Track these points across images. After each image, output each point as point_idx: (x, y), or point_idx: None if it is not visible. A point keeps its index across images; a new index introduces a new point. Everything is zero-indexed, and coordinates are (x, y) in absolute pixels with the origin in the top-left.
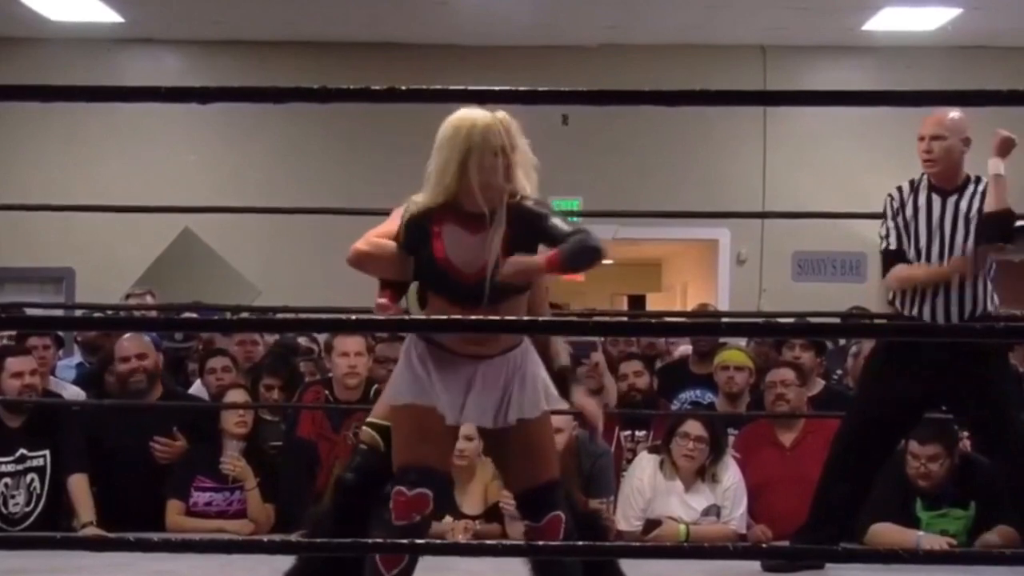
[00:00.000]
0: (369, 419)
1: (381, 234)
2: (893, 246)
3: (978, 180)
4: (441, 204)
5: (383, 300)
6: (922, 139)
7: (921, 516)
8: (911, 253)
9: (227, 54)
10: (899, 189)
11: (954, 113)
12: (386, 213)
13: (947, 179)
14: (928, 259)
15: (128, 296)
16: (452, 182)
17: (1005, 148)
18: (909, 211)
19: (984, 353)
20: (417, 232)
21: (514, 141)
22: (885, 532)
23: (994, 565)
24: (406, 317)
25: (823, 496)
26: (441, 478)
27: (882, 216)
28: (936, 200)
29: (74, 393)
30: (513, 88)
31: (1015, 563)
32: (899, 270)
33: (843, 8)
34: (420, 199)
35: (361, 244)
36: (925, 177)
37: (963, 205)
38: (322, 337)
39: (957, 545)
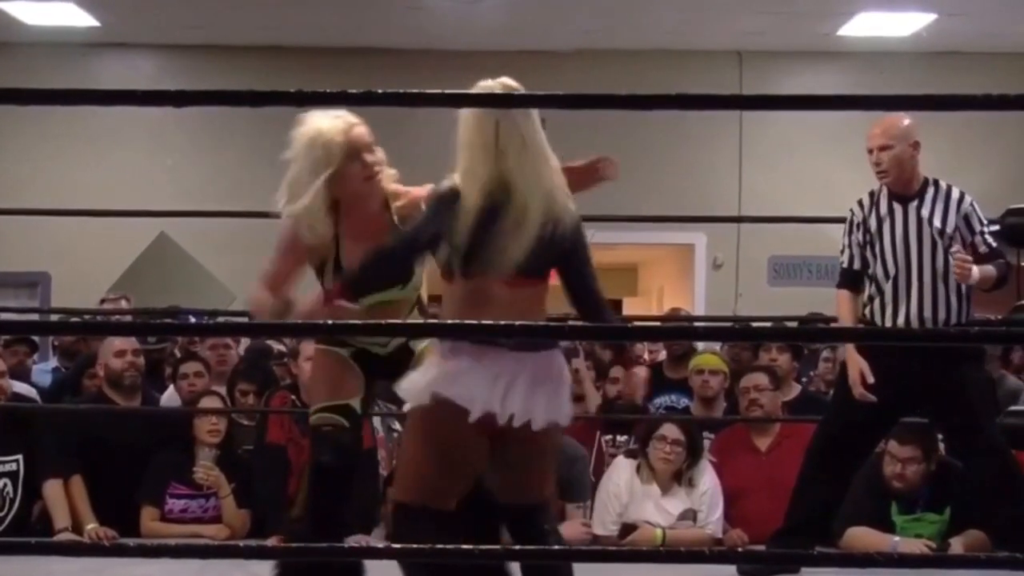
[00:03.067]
0: (319, 406)
1: (273, 276)
2: (845, 264)
3: (936, 184)
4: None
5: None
6: (871, 151)
7: (896, 520)
8: (878, 269)
9: (203, 58)
10: (860, 203)
11: (898, 120)
12: None
13: (904, 185)
14: (895, 271)
15: (103, 301)
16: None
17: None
18: (873, 223)
19: (958, 358)
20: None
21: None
22: (861, 536)
23: (969, 568)
24: (381, 322)
25: (799, 500)
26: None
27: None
28: (898, 209)
29: (28, 392)
30: (490, 92)
31: (990, 567)
32: (841, 307)
33: (818, 14)
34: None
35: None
36: (884, 187)
37: (924, 212)
38: (291, 341)
39: (934, 549)
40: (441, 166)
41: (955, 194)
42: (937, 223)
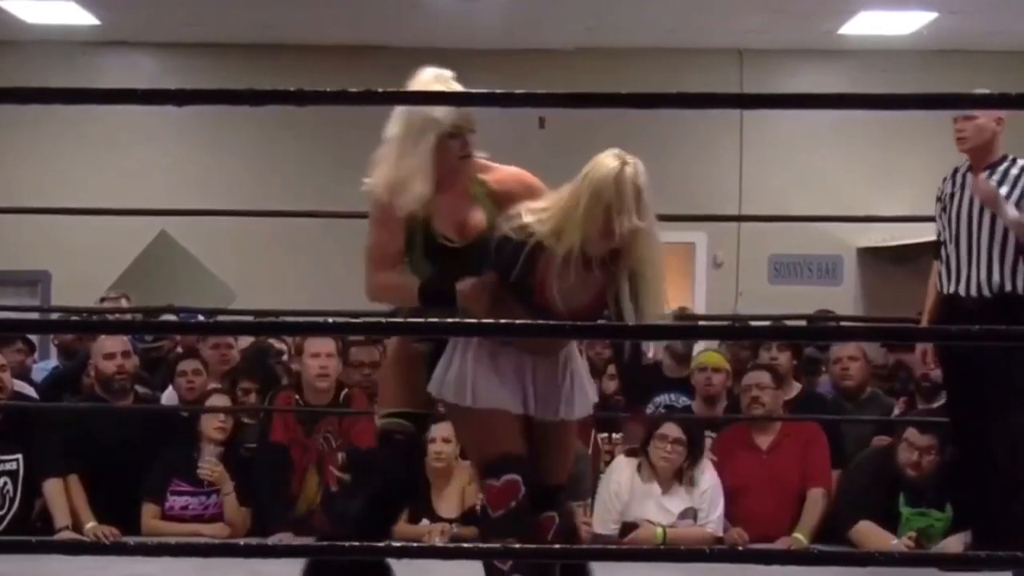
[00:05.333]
0: (391, 411)
1: (381, 251)
2: (936, 237)
3: (1015, 161)
4: (563, 240)
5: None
6: (955, 119)
7: (903, 511)
8: (945, 236)
9: (204, 57)
10: (944, 178)
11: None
12: (358, 216)
13: (980, 158)
14: (956, 237)
15: (103, 299)
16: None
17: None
18: (947, 192)
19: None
20: (521, 257)
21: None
22: (867, 532)
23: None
24: (383, 320)
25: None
26: (522, 460)
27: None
28: (969, 178)
29: (34, 395)
30: (490, 91)
31: (991, 566)
32: (931, 279)
33: (819, 12)
34: (539, 226)
35: (376, 281)
36: (966, 161)
37: (992, 181)
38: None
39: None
40: None
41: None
42: (1004, 191)
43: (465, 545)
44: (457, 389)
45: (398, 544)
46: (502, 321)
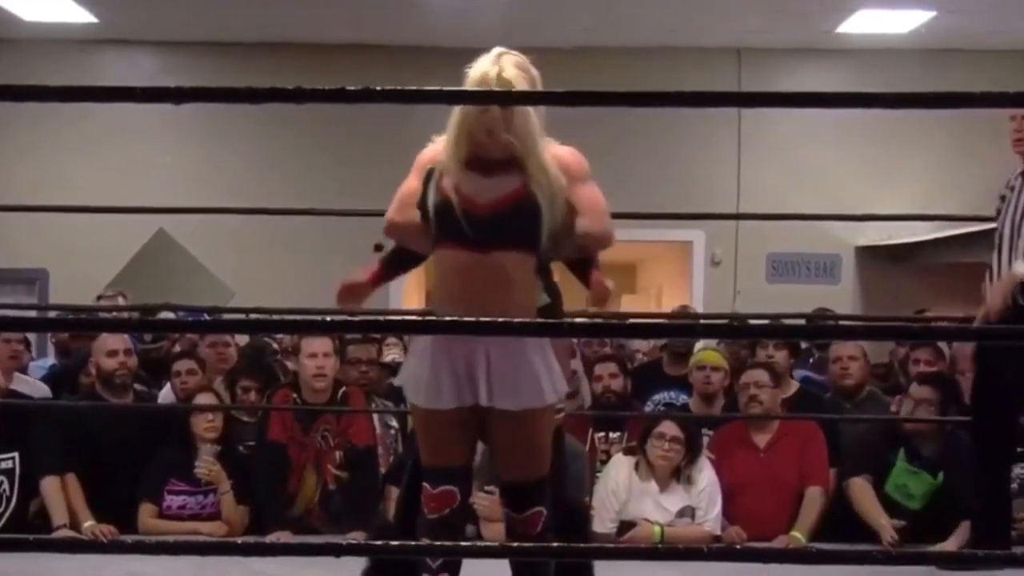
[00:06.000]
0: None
1: (406, 194)
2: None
3: None
4: (453, 155)
5: (353, 278)
6: (1013, 118)
7: (898, 463)
8: (995, 238)
9: (202, 55)
10: (1013, 174)
11: None
12: (356, 214)
13: None
14: (1001, 242)
15: (100, 297)
16: (456, 134)
17: None
18: (1004, 194)
19: None
20: (430, 177)
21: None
22: (861, 493)
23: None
24: (381, 318)
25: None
26: (460, 472)
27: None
28: (1019, 182)
29: (41, 390)
30: (488, 89)
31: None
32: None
33: (817, 11)
34: (439, 149)
35: (391, 213)
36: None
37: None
38: (287, 338)
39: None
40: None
41: None
42: None
43: (463, 544)
44: (409, 385)
45: (395, 543)
46: (489, 320)
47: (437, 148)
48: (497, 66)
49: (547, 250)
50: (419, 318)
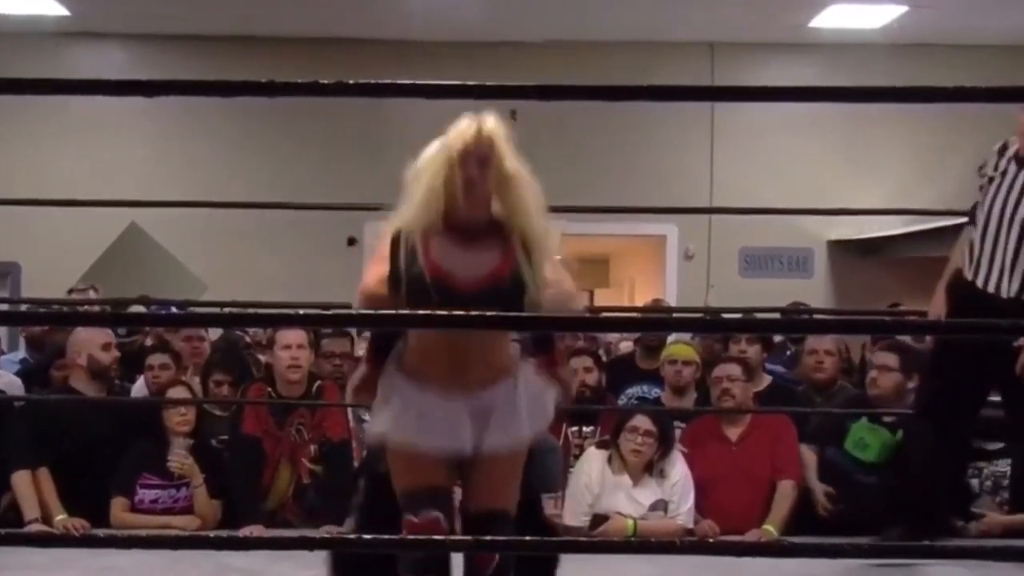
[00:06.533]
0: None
1: (375, 278)
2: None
3: None
4: (429, 222)
5: (362, 375)
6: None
7: (854, 425)
8: (978, 222)
9: (175, 49)
10: (994, 149)
11: None
12: (329, 208)
13: None
14: (985, 231)
15: (71, 291)
16: (436, 197)
17: None
18: (987, 174)
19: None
20: (406, 251)
21: (500, 153)
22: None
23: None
24: (353, 311)
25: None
26: (445, 495)
27: None
28: (1011, 170)
29: (13, 384)
30: (462, 83)
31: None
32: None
33: (790, 5)
34: (406, 220)
35: (360, 296)
36: (1014, 143)
37: None
38: (261, 331)
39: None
40: (416, 156)
41: None
42: None
43: (437, 538)
44: (382, 421)
45: (368, 536)
46: (477, 313)
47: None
48: (476, 121)
49: None
50: (392, 312)
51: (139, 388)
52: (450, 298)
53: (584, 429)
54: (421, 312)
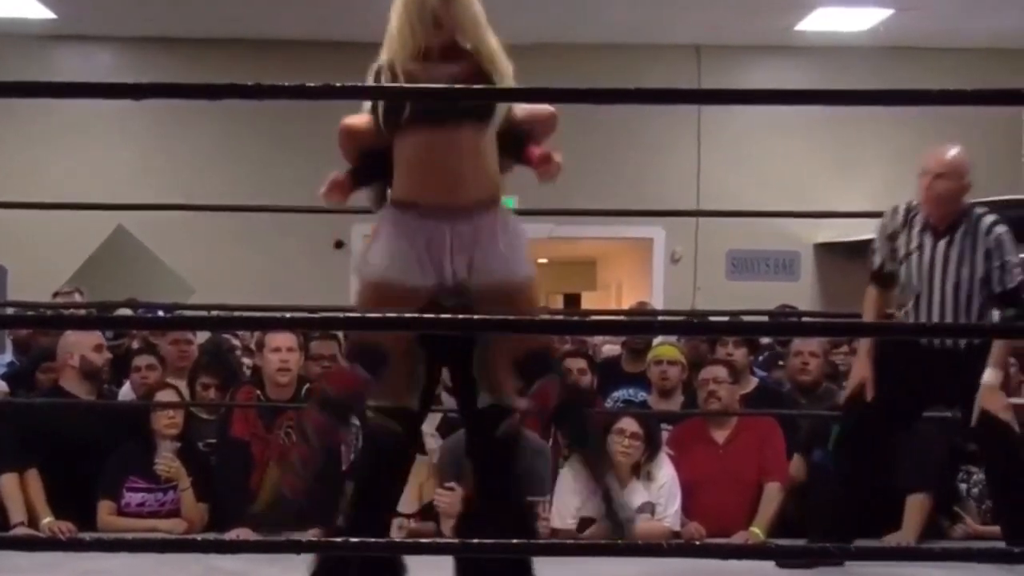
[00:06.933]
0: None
1: (355, 117)
2: (876, 265)
3: (970, 215)
4: (399, 49)
5: (337, 175)
6: (925, 174)
7: None
8: (907, 285)
9: (162, 51)
10: (895, 212)
11: (960, 152)
12: (316, 211)
13: (941, 218)
14: (918, 295)
15: (56, 295)
16: (408, 31)
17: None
18: (902, 244)
19: (971, 359)
20: (378, 77)
21: None
22: None
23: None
24: (341, 315)
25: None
26: (384, 357)
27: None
28: (928, 242)
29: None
30: (450, 86)
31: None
32: (867, 302)
33: (776, 8)
34: (384, 54)
35: (345, 120)
36: (920, 210)
37: (952, 253)
38: (248, 334)
39: None
40: None
41: (983, 228)
42: (966, 270)
43: (423, 540)
44: (369, 263)
45: (355, 540)
46: (463, 316)
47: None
48: None
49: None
50: (380, 315)
51: (126, 392)
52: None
53: None
54: (408, 316)
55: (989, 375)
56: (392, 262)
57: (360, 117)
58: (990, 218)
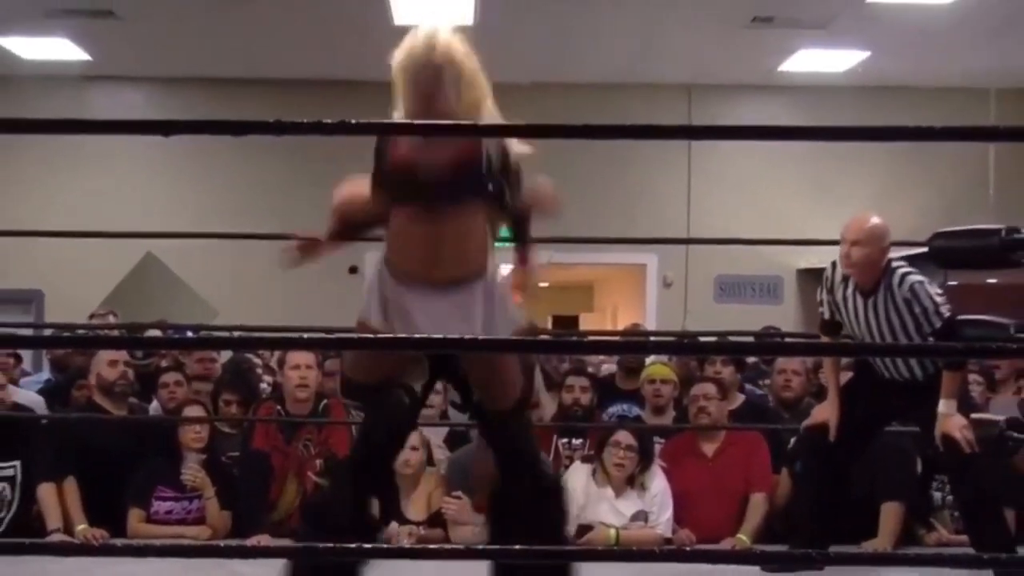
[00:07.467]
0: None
1: (352, 186)
2: (825, 316)
3: (891, 274)
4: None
5: (317, 234)
6: (843, 241)
7: None
8: (855, 330)
9: (190, 90)
10: (833, 266)
11: (876, 220)
12: None
13: (865, 281)
14: (862, 340)
15: (92, 316)
16: (401, 99)
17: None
18: (838, 299)
19: (929, 388)
20: (380, 143)
21: (451, 58)
22: None
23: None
24: (354, 336)
25: (802, 507)
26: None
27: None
28: (858, 299)
29: (37, 402)
30: (454, 122)
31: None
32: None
33: (762, 50)
34: (395, 115)
35: (340, 189)
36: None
37: (880, 310)
38: (270, 354)
39: None
40: None
41: (896, 282)
42: (895, 320)
43: (432, 546)
44: (368, 307)
45: (368, 546)
46: (457, 338)
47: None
48: (429, 39)
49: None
50: (392, 335)
51: (156, 408)
52: (416, 185)
53: (574, 442)
54: (417, 336)
55: (943, 405)
56: (371, 309)
57: (359, 188)
58: (902, 271)
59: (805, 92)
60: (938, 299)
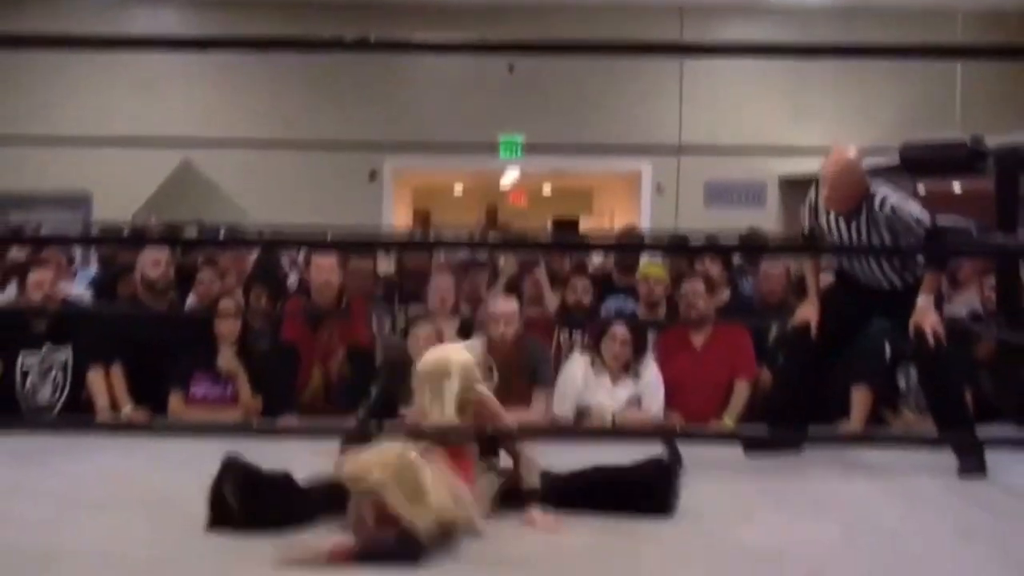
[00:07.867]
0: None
1: None
2: (804, 232)
3: (871, 199)
4: None
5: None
6: (824, 181)
7: None
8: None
9: (218, 11)
10: (816, 190)
11: (850, 157)
12: (353, 147)
13: (847, 210)
14: (852, 262)
15: (134, 218)
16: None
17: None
18: (823, 222)
19: (907, 294)
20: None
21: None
22: None
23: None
24: (375, 236)
25: (783, 396)
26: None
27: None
28: (841, 223)
29: (81, 295)
30: (464, 41)
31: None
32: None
33: None
34: None
35: None
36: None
37: (862, 232)
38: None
39: None
40: (429, 111)
41: (878, 205)
42: (875, 240)
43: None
44: None
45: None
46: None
47: None
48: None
49: None
50: (407, 238)
51: (193, 302)
52: None
53: (574, 333)
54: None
55: (922, 299)
56: None
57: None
58: (881, 194)
59: (789, 12)
60: (919, 213)
